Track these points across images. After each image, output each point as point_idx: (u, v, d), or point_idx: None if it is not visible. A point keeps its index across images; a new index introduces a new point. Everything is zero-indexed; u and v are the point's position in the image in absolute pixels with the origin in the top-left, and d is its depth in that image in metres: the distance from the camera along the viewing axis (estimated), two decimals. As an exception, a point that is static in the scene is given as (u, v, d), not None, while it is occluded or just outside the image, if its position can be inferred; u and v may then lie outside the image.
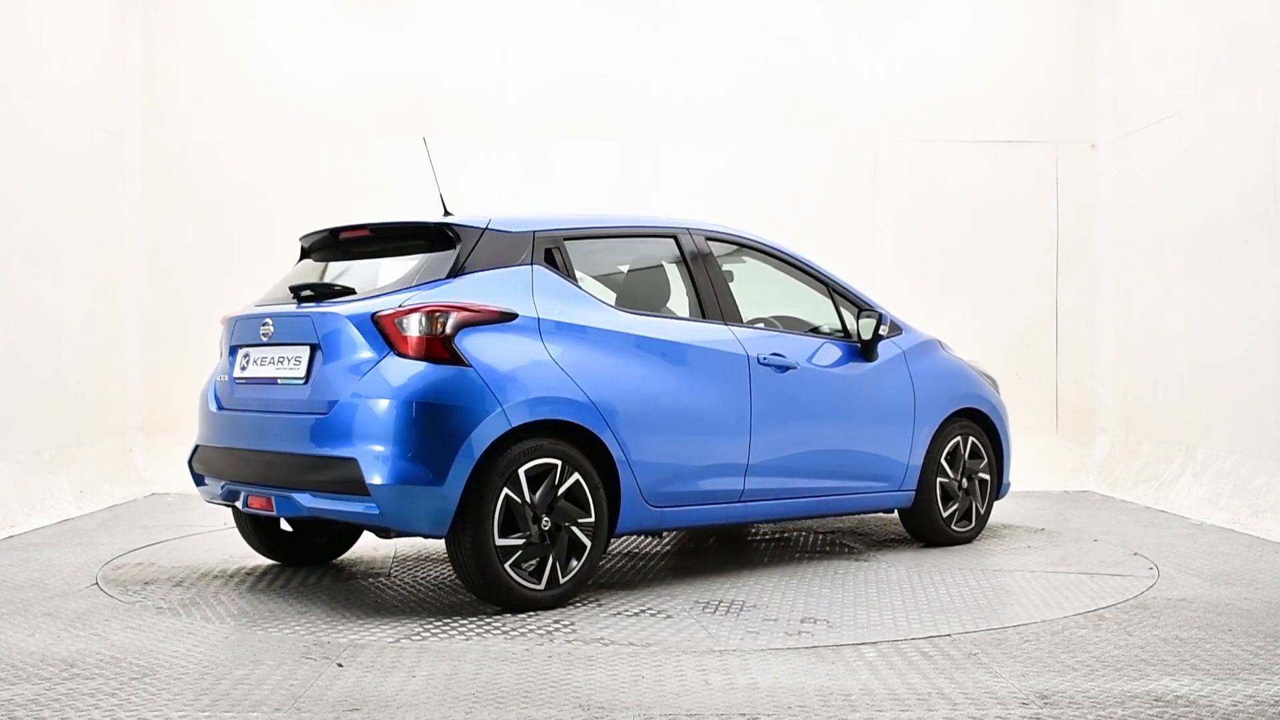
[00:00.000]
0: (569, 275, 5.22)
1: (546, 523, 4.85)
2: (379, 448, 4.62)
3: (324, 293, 5.14)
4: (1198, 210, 8.24)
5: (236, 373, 5.35)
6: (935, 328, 7.53)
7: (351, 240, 5.42)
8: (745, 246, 6.09)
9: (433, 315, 4.75)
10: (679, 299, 5.83)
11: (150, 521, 7.58)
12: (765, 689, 3.81)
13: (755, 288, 6.24)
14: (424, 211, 5.88)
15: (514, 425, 4.75)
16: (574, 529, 4.94)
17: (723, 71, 9.58)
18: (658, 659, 4.18)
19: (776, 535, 6.96)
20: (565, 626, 4.67)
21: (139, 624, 4.73)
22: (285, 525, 5.89)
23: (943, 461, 6.47)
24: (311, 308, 5.07)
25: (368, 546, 6.54)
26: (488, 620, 4.77)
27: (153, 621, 4.78)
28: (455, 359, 4.73)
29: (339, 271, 5.37)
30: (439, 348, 4.72)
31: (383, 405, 4.66)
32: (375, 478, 4.58)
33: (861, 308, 6.25)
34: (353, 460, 4.64)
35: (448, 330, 4.75)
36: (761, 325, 5.98)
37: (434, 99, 9.49)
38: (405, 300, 4.83)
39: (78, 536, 6.96)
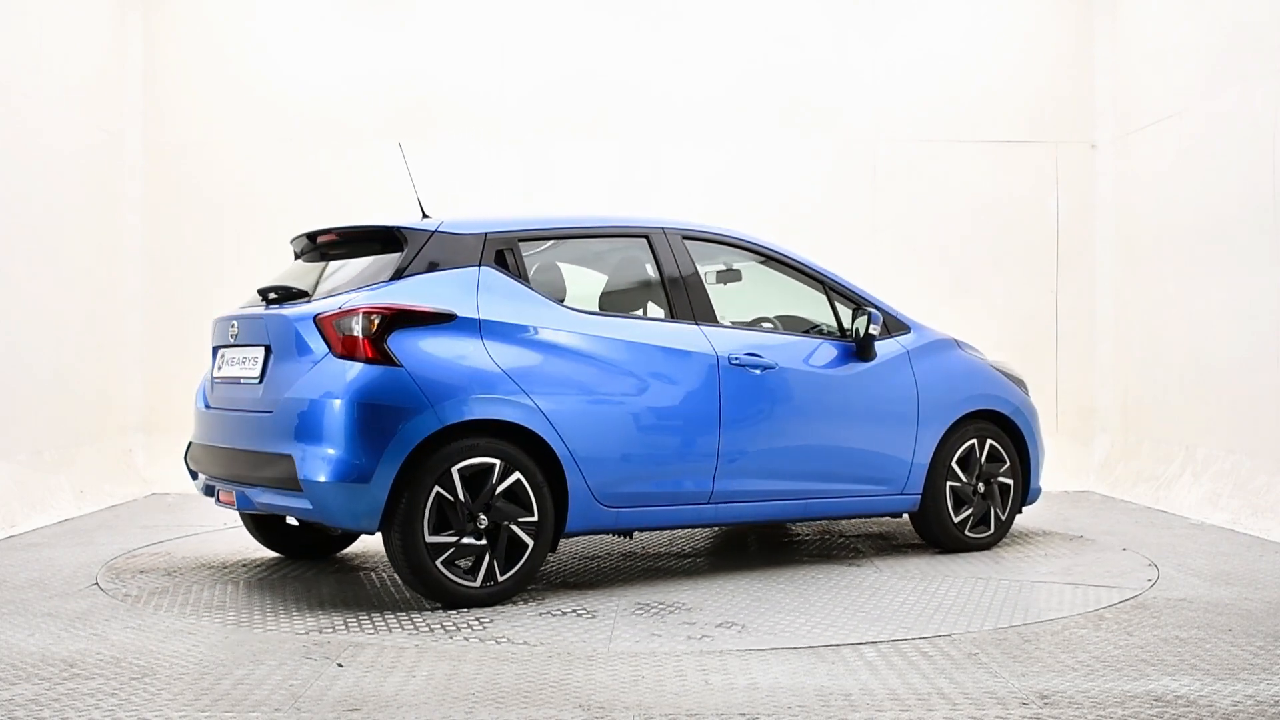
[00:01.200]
0: (520, 276, 5.25)
1: (484, 521, 4.92)
2: (311, 445, 4.78)
3: (285, 295, 5.30)
4: (1198, 210, 8.24)
5: (215, 372, 5.62)
6: (935, 327, 7.49)
7: (326, 243, 5.55)
8: (730, 245, 5.98)
9: (366, 316, 4.84)
10: (657, 297, 5.78)
11: (150, 521, 7.58)
12: (765, 689, 3.81)
13: (745, 287, 6.22)
14: (418, 212, 5.88)
15: (445, 424, 4.83)
16: (514, 528, 4.98)
17: (723, 71, 9.58)
18: (658, 659, 4.18)
19: (797, 538, 6.96)
20: (477, 623, 4.67)
21: (139, 624, 4.73)
22: (291, 520, 5.97)
23: (954, 465, 6.25)
24: (268, 310, 5.27)
25: (368, 546, 6.54)
26: (487, 620, 4.77)
27: (153, 621, 4.78)
28: (387, 359, 4.81)
29: (322, 273, 5.45)
30: (371, 348, 4.82)
31: (316, 404, 4.82)
32: (306, 474, 4.74)
33: (859, 305, 6.08)
34: (289, 457, 4.83)
35: (380, 331, 4.84)
36: (743, 325, 5.91)
37: (434, 99, 9.49)
38: (345, 302, 4.95)
39: (78, 536, 6.96)
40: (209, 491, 5.53)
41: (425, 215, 5.68)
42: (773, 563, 6.10)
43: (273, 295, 5.34)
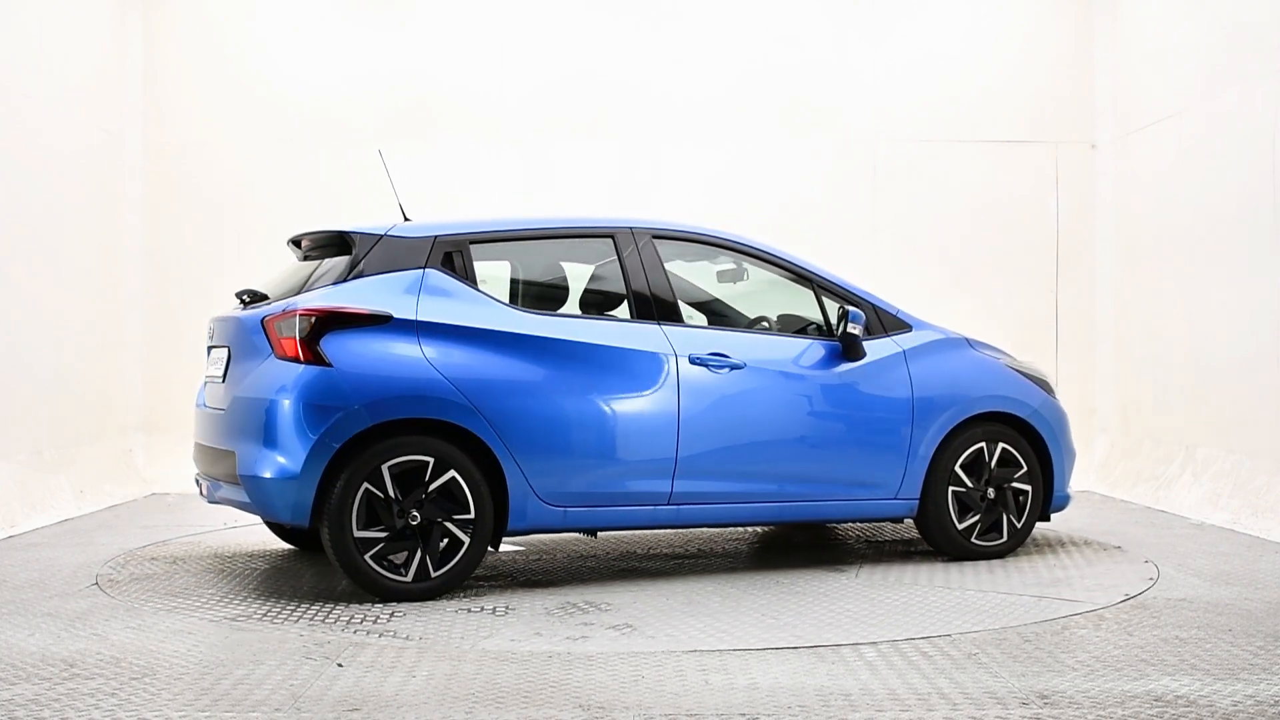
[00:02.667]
0: (466, 278, 5.36)
1: (416, 518, 5.03)
2: (248, 442, 5.09)
3: (255, 298, 5.56)
4: (1198, 210, 8.24)
5: (206, 372, 5.91)
6: (947, 326, 7.33)
7: (306, 246, 5.75)
8: (706, 243, 5.91)
9: (301, 318, 5.06)
10: (619, 297, 5.74)
11: (150, 521, 7.58)
12: (765, 689, 3.81)
13: (706, 284, 6.17)
14: (418, 212, 5.91)
15: (374, 423, 4.99)
16: (449, 525, 5.08)
17: (723, 71, 9.58)
18: (658, 659, 4.18)
19: (834, 540, 6.96)
20: (384, 617, 4.69)
21: (139, 624, 4.73)
22: None
23: (957, 469, 5.98)
24: (233, 312, 5.58)
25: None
26: (487, 620, 4.77)
27: (153, 621, 4.78)
28: (320, 360, 5.01)
29: (311, 274, 5.55)
30: (304, 349, 5.04)
31: (254, 403, 5.11)
32: (243, 470, 5.06)
33: (850, 303, 5.92)
34: (232, 453, 5.18)
35: (314, 333, 5.04)
36: (725, 324, 5.87)
37: (434, 99, 9.49)
38: (288, 305, 5.17)
39: (78, 536, 6.96)
40: (198, 485, 5.78)
41: (406, 219, 5.76)
42: (744, 567, 6.09)
43: (245, 298, 5.59)
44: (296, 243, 5.80)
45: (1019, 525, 6.15)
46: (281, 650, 4.32)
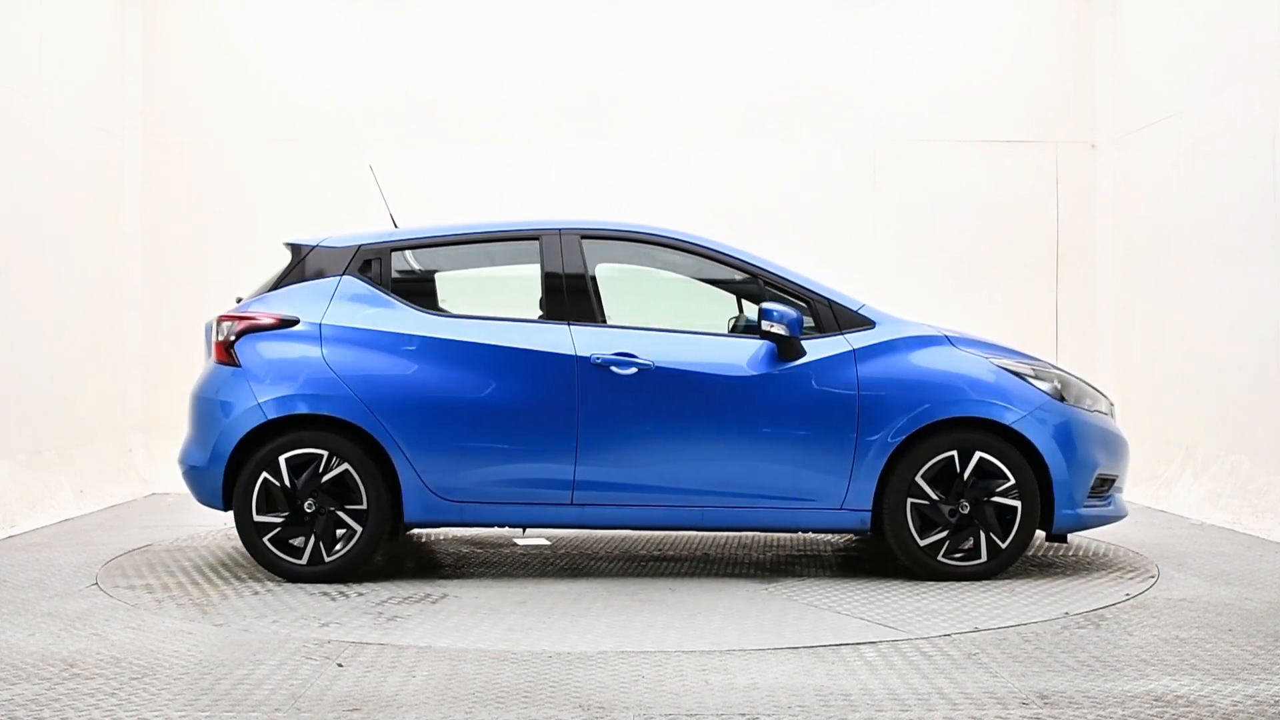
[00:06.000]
0: (381, 283, 5.72)
1: (311, 505, 5.47)
2: (187, 435, 5.80)
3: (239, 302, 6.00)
4: (1198, 210, 8.24)
5: None
6: (926, 322, 7.04)
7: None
8: (638, 241, 5.82)
9: (220, 323, 5.71)
10: (535, 299, 5.77)
11: (150, 521, 7.58)
12: (765, 689, 3.81)
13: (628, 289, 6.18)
14: (417, 215, 5.94)
15: (271, 418, 5.50)
16: (341, 514, 5.48)
17: (723, 72, 9.58)
18: (658, 659, 4.18)
19: (850, 550, 6.95)
20: (362, 619, 4.70)
21: (139, 624, 4.73)
22: None
23: (919, 480, 5.47)
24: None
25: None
26: (487, 619, 4.77)
27: (153, 621, 4.78)
28: (234, 361, 5.60)
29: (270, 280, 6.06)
30: (223, 351, 5.66)
31: (191, 400, 5.78)
32: (178, 460, 5.81)
33: (801, 299, 5.62)
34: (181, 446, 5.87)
35: (230, 336, 5.64)
36: (627, 324, 5.68)
37: (435, 100, 9.49)
38: (229, 310, 5.84)
39: (78, 536, 6.95)
40: None
41: (396, 225, 6.07)
42: (759, 575, 6.09)
43: (238, 301, 6.01)
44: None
45: (1004, 545, 5.51)
46: (281, 650, 4.31)
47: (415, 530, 6.92)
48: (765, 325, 5.42)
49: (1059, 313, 9.66)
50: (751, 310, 5.85)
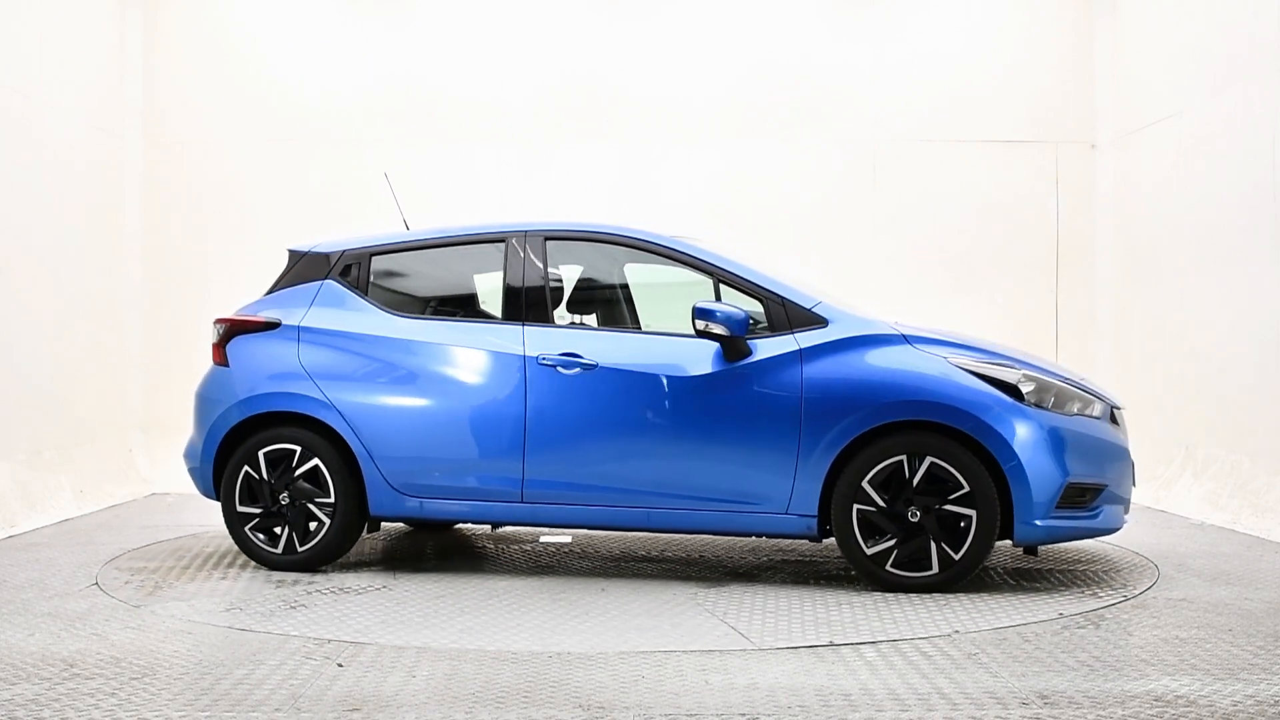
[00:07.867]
0: (359, 287, 5.96)
1: (286, 498, 5.75)
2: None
3: None
4: (1198, 210, 8.24)
5: None
6: (884, 319, 6.57)
7: None
8: (600, 241, 5.86)
9: (216, 325, 6.07)
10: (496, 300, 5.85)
11: (150, 521, 7.58)
12: (765, 689, 3.81)
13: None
14: (417, 217, 5.95)
15: (249, 415, 5.83)
16: (311, 507, 5.74)
17: (723, 72, 9.57)
18: (658, 659, 4.18)
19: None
20: (362, 619, 4.70)
21: (139, 624, 4.74)
22: None
23: (865, 486, 5.22)
24: None
25: (370, 546, 6.55)
26: (486, 619, 4.78)
27: (153, 621, 4.78)
28: (224, 361, 5.98)
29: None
30: (217, 352, 6.04)
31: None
32: (184, 456, 6.12)
33: (755, 297, 5.51)
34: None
35: (222, 338, 6.01)
36: (584, 323, 5.84)
37: (435, 100, 9.49)
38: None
39: (78, 536, 6.96)
40: None
41: (407, 228, 6.26)
42: (773, 581, 6.09)
43: None
44: None
45: (957, 557, 5.19)
46: (281, 650, 4.32)
47: (413, 527, 6.93)
48: (700, 325, 5.33)
49: (1059, 313, 9.66)
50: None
